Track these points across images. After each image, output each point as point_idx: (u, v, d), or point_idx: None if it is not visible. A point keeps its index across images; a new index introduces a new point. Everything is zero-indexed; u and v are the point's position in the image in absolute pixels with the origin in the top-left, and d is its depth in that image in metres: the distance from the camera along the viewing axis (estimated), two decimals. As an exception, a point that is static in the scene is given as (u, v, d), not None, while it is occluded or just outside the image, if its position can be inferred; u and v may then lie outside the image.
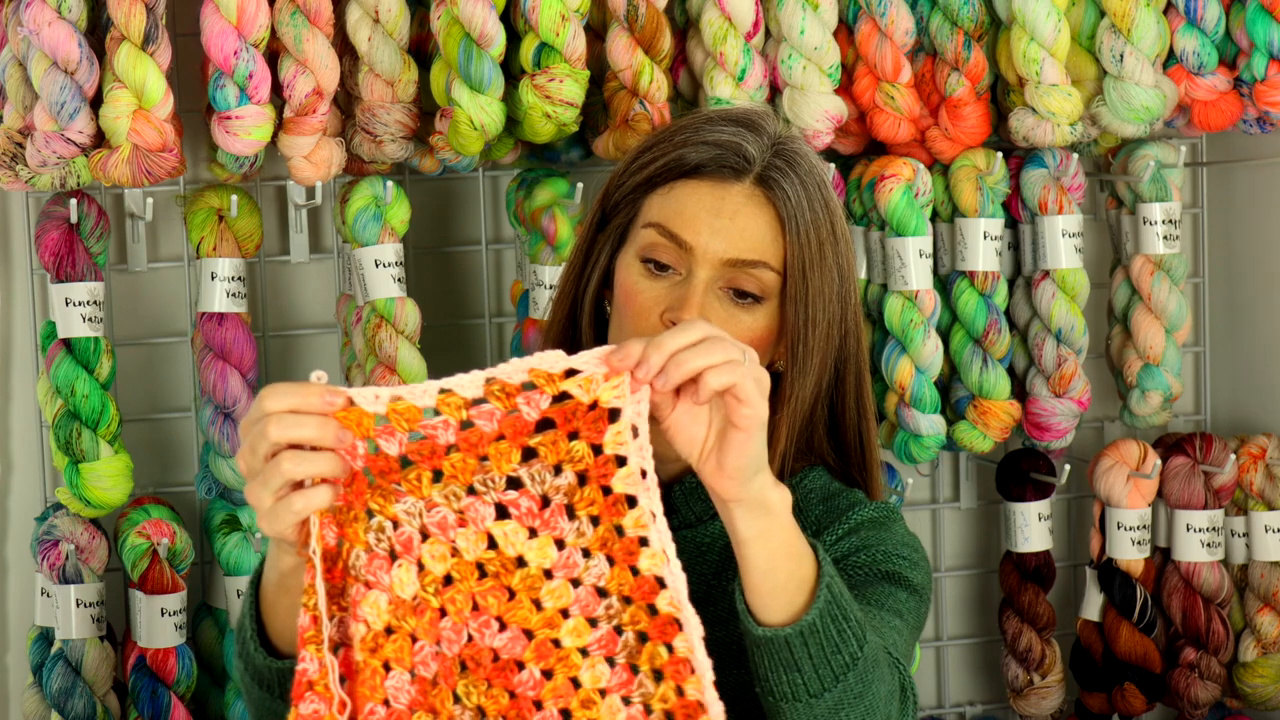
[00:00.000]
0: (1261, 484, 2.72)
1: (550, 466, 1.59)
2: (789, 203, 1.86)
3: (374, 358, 2.40)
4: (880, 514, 1.95)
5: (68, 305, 2.31)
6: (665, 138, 1.92)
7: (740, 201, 1.87)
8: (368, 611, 1.56)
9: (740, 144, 1.88)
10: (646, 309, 1.87)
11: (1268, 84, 2.49)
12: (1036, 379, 2.59)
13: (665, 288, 1.87)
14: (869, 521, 1.94)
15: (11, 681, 2.56)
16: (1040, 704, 2.72)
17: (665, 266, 1.87)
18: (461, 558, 1.58)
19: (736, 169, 1.88)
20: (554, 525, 1.59)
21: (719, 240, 1.86)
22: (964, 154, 2.54)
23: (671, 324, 1.84)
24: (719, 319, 1.85)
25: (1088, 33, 2.52)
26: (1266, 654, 2.71)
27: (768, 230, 1.87)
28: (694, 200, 1.88)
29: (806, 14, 2.42)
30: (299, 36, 2.28)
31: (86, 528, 2.36)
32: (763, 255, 1.87)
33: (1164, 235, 2.62)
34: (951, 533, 2.86)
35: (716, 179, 1.88)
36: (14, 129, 2.25)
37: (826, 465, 2.02)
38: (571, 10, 2.29)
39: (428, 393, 1.56)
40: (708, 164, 1.88)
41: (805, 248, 1.86)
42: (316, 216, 2.60)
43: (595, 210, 1.96)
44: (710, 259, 1.86)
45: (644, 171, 1.91)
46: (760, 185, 1.88)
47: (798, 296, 1.86)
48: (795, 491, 1.95)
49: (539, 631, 1.60)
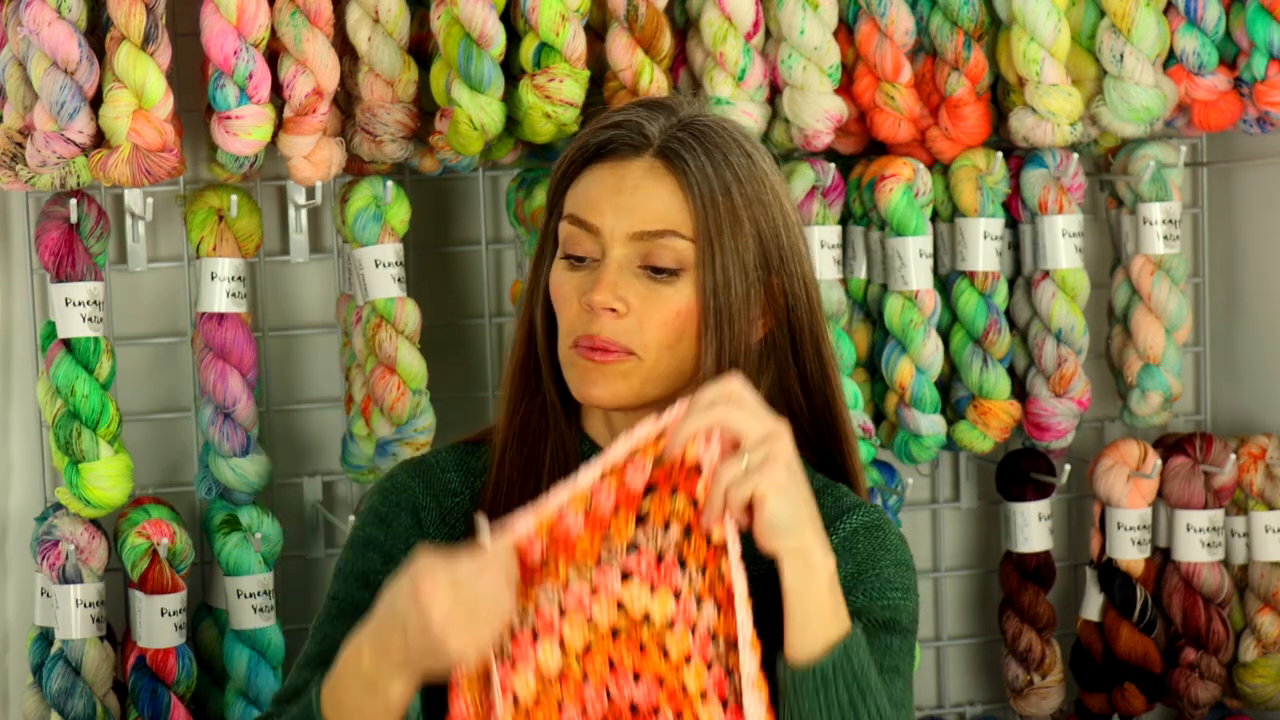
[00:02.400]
0: (1261, 484, 2.72)
1: (660, 524, 1.70)
2: (689, 169, 1.85)
3: (374, 358, 2.39)
4: (871, 520, 1.93)
5: (68, 305, 2.31)
6: (575, 136, 1.94)
7: (640, 175, 1.86)
8: (519, 686, 1.67)
9: (639, 122, 1.88)
10: (568, 299, 1.87)
11: (1268, 84, 2.49)
12: (1036, 379, 2.59)
13: (584, 275, 1.87)
14: (862, 530, 1.92)
15: (11, 681, 2.56)
16: (1040, 704, 2.72)
17: (583, 258, 1.88)
18: (597, 626, 1.69)
19: (635, 145, 1.87)
20: (670, 578, 1.70)
21: (622, 216, 1.85)
22: (964, 154, 2.54)
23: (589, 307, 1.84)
24: (640, 296, 1.85)
25: (1088, 33, 2.52)
26: (1266, 654, 2.71)
27: (672, 199, 1.86)
28: (597, 183, 1.88)
29: (806, 14, 2.42)
30: (299, 36, 2.28)
31: (86, 528, 2.36)
32: (669, 224, 1.85)
33: (1164, 235, 2.62)
34: (951, 533, 2.86)
35: (616, 158, 1.87)
36: (14, 129, 2.25)
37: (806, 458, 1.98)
38: (571, 10, 2.29)
39: (558, 499, 1.69)
40: (607, 144, 1.88)
41: (711, 211, 1.85)
42: (316, 216, 2.60)
43: (543, 231, 1.97)
44: (618, 236, 1.85)
45: (558, 172, 1.93)
46: (660, 157, 1.87)
47: (705, 261, 1.85)
48: None
49: (669, 678, 1.69)
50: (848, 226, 2.58)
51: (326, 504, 2.62)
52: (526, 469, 1.94)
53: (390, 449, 2.39)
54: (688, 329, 1.86)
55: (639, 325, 1.85)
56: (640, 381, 1.86)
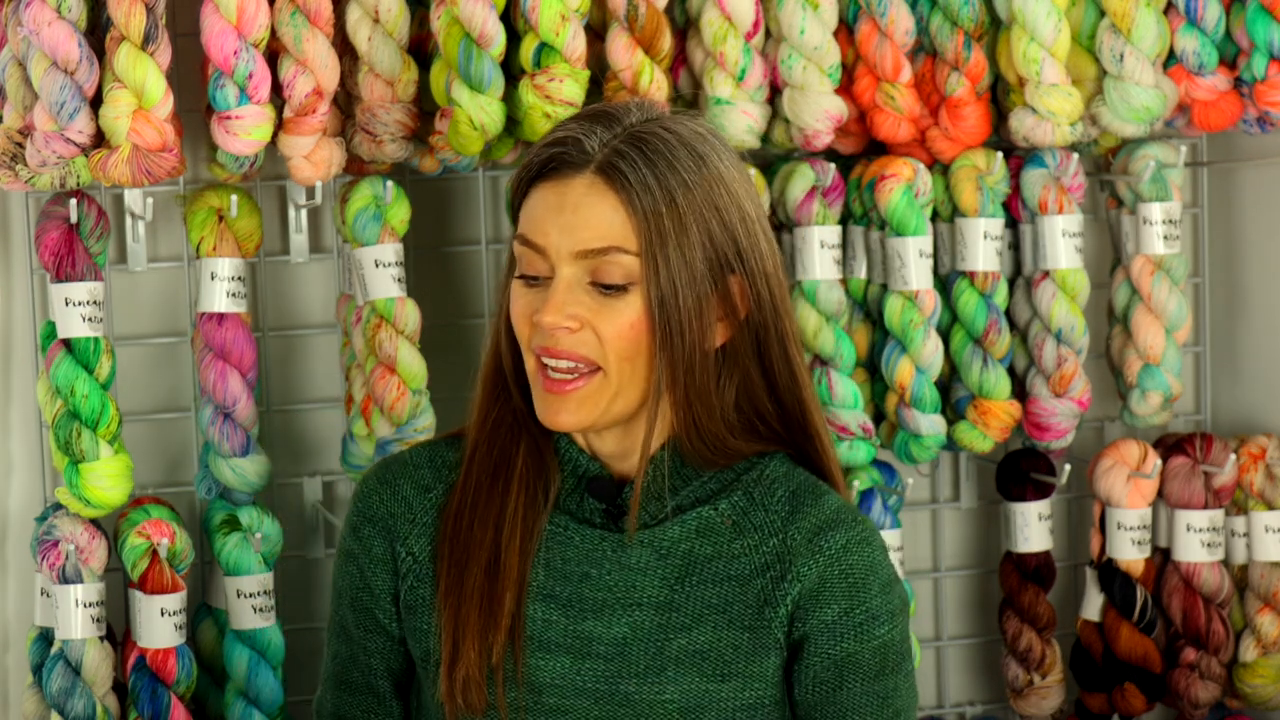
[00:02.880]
0: (1261, 484, 2.72)
1: None
2: (628, 183, 1.85)
3: (374, 358, 2.40)
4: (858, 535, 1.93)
5: (68, 305, 2.31)
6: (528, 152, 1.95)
7: (581, 193, 1.86)
8: None
9: (579, 138, 1.88)
10: (522, 317, 1.89)
11: (1268, 84, 2.49)
12: (1036, 379, 2.59)
13: (536, 293, 1.88)
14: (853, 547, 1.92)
15: (11, 681, 2.56)
16: (1040, 704, 2.72)
17: (536, 277, 1.89)
18: None
19: (575, 163, 1.87)
20: None
21: (566, 236, 1.86)
22: (964, 154, 2.54)
23: (539, 325, 1.86)
24: (591, 311, 1.85)
25: (1088, 33, 2.52)
26: (1266, 654, 2.71)
27: (614, 215, 1.86)
28: (541, 203, 1.88)
29: (806, 14, 2.42)
30: (299, 36, 2.28)
31: (86, 528, 2.36)
32: (612, 241, 1.85)
33: (1164, 235, 2.62)
34: (951, 533, 2.86)
35: (558, 177, 1.88)
36: (14, 129, 2.25)
37: (788, 453, 2.00)
38: (571, 10, 2.29)
39: None
40: (545, 164, 1.89)
41: (654, 222, 1.85)
42: (316, 216, 2.60)
43: (509, 242, 1.99)
44: (564, 255, 1.86)
45: (512, 189, 1.94)
46: (600, 173, 1.86)
47: (651, 274, 1.85)
48: (753, 477, 1.96)
49: None
50: (848, 226, 2.58)
51: (326, 504, 2.62)
52: (495, 470, 1.95)
53: (390, 449, 2.38)
54: (643, 341, 1.87)
55: (597, 338, 1.86)
56: (607, 399, 1.87)
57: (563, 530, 1.94)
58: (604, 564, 1.92)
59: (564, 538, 1.94)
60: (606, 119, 1.90)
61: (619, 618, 1.91)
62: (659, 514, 1.94)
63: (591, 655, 1.91)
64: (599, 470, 1.95)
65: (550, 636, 1.92)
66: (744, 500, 1.95)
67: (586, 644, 1.91)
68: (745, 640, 1.90)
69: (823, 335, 2.49)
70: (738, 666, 1.90)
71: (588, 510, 1.95)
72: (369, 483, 2.01)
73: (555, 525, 1.94)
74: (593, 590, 1.92)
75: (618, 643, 1.91)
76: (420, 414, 2.40)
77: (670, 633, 1.90)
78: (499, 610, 1.90)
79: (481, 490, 1.94)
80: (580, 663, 1.91)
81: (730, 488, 1.95)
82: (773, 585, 1.91)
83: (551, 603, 1.92)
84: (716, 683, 1.90)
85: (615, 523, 1.94)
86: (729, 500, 1.94)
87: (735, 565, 1.91)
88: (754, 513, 1.94)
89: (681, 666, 1.89)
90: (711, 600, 1.91)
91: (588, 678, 1.91)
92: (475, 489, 1.95)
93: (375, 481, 2.00)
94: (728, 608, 1.91)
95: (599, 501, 1.95)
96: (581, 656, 1.91)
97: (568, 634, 1.91)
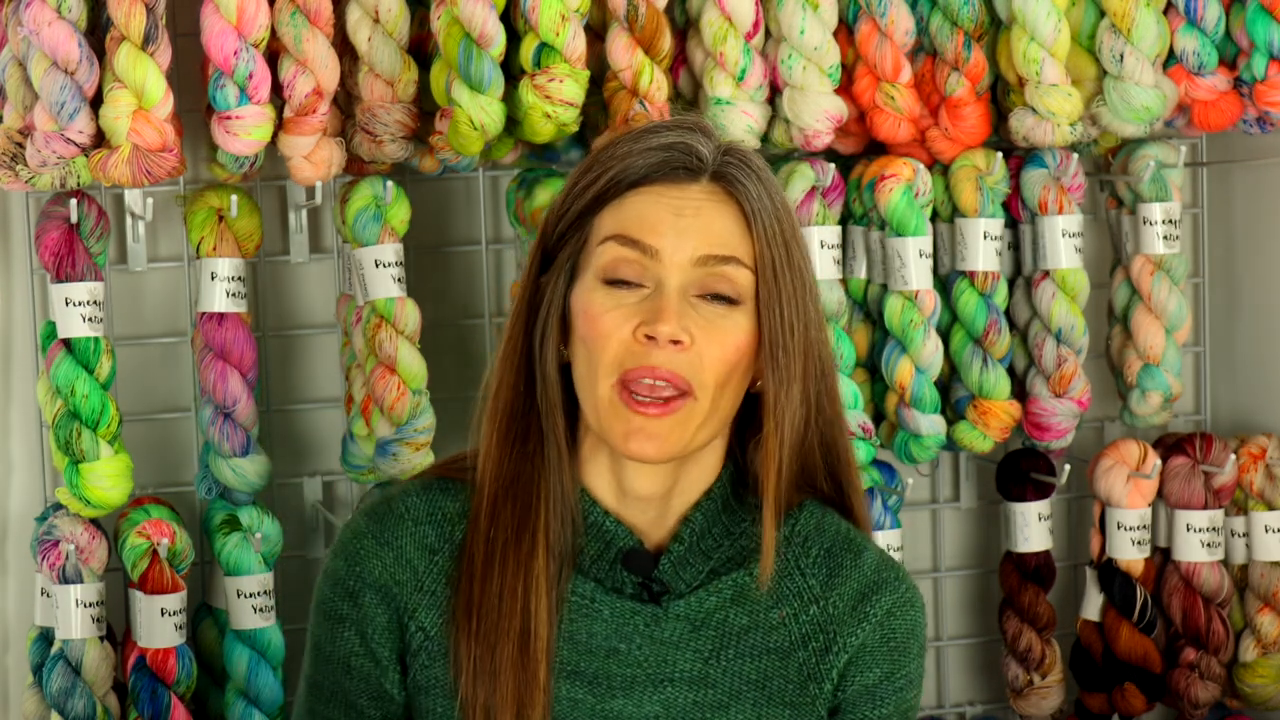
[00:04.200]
0: (1261, 484, 2.72)
1: None
2: (751, 198, 1.74)
3: (374, 358, 2.39)
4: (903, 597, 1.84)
5: (68, 305, 2.31)
6: (605, 156, 1.77)
7: (701, 199, 1.74)
8: None
9: (690, 144, 1.75)
10: (614, 328, 1.71)
11: (1268, 84, 2.49)
12: (1036, 379, 2.59)
13: (633, 304, 1.71)
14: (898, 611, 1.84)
15: (11, 681, 2.56)
16: (1040, 704, 2.72)
17: (629, 283, 1.72)
18: None
19: (691, 169, 1.75)
20: None
21: (686, 239, 1.72)
22: (964, 154, 2.54)
23: (647, 338, 1.69)
24: (699, 326, 1.70)
25: (1088, 33, 2.52)
26: (1266, 654, 2.71)
27: (734, 225, 1.73)
28: (652, 204, 1.73)
29: (806, 14, 2.42)
30: (299, 36, 2.28)
31: (86, 528, 2.36)
32: (734, 251, 1.72)
33: (1164, 235, 2.62)
34: (951, 533, 2.86)
35: (670, 181, 1.74)
36: (14, 129, 2.25)
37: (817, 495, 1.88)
38: (571, 10, 2.29)
39: None
40: (658, 168, 1.74)
41: (773, 245, 1.74)
42: (316, 216, 2.60)
43: (534, 251, 1.79)
44: (679, 261, 1.71)
45: (589, 192, 1.76)
46: (718, 182, 1.75)
47: (771, 297, 1.73)
48: (784, 535, 1.82)
49: None
50: (848, 226, 2.58)
51: (326, 504, 2.62)
52: (521, 525, 1.76)
53: (390, 449, 2.38)
54: (740, 365, 1.73)
55: (700, 359, 1.71)
56: (694, 429, 1.72)
57: (590, 602, 1.78)
58: (634, 638, 1.77)
59: (591, 610, 1.78)
60: (702, 128, 1.78)
61: (650, 696, 1.77)
62: (693, 582, 1.79)
63: None
64: (629, 540, 1.78)
65: (577, 718, 1.77)
66: (778, 562, 1.81)
67: None
68: (786, 717, 1.79)
69: (823, 335, 2.49)
70: None
71: (618, 580, 1.78)
72: (364, 543, 1.81)
73: (579, 595, 1.78)
74: (621, 667, 1.77)
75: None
76: (420, 414, 2.40)
77: (706, 711, 1.77)
78: (535, 688, 1.73)
79: (508, 550, 1.75)
80: None
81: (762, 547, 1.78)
82: (816, 659, 1.80)
83: (577, 680, 1.77)
84: None
85: (650, 595, 1.78)
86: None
87: (774, 637, 1.80)
88: (790, 578, 1.82)
89: None
90: (750, 675, 1.78)
91: None
92: (502, 551, 1.76)
93: (373, 542, 1.80)
94: (767, 683, 1.79)
95: (635, 575, 1.78)
96: None
97: (595, 714, 1.77)
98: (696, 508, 1.80)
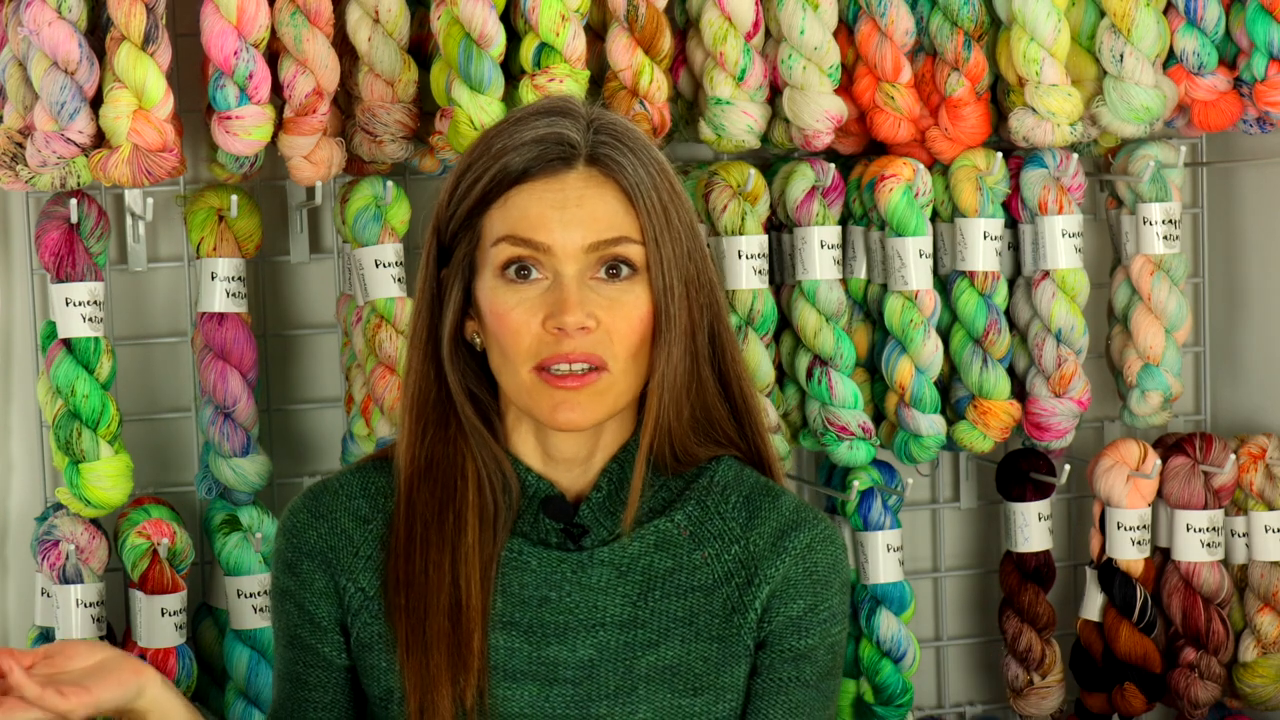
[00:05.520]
0: (1261, 484, 2.72)
1: None
2: (628, 175, 1.81)
3: (374, 358, 2.40)
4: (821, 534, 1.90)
5: (68, 305, 2.31)
6: (481, 153, 1.84)
7: (581, 186, 1.81)
8: None
9: (560, 133, 1.82)
10: (522, 323, 1.79)
11: (1268, 84, 2.49)
12: (1036, 379, 2.59)
13: (536, 296, 1.80)
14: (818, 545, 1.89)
15: (11, 681, 2.56)
16: (1040, 704, 2.72)
17: (527, 269, 1.79)
18: None
19: (565, 158, 1.81)
20: None
21: (574, 230, 1.79)
22: (964, 154, 2.54)
23: (557, 329, 1.77)
24: (602, 307, 1.78)
25: (1088, 33, 2.52)
26: (1266, 654, 2.71)
27: (618, 204, 1.81)
28: (536, 201, 1.80)
29: (806, 14, 2.42)
30: (299, 36, 2.28)
31: (86, 528, 2.36)
32: (621, 230, 1.80)
33: (1164, 235, 2.62)
34: (951, 533, 2.86)
35: (549, 174, 1.81)
36: (14, 129, 2.25)
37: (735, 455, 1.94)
38: (571, 10, 2.29)
39: None
40: (534, 162, 1.81)
41: (653, 215, 1.81)
42: (316, 216, 2.60)
43: (430, 247, 1.86)
44: (571, 251, 1.78)
45: (473, 193, 1.82)
46: (594, 165, 1.81)
47: (655, 264, 1.81)
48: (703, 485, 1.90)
49: None
50: (848, 226, 2.58)
51: (326, 504, 2.61)
52: (442, 507, 1.85)
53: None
54: (646, 334, 1.82)
55: (609, 336, 1.80)
56: (614, 396, 1.81)
57: (518, 555, 1.86)
58: (564, 586, 1.86)
59: (520, 562, 1.86)
60: (565, 112, 1.84)
61: (583, 640, 1.85)
62: (615, 530, 1.88)
63: (558, 680, 1.85)
64: (550, 489, 1.88)
65: (515, 665, 1.85)
66: (698, 510, 1.89)
67: (552, 669, 1.85)
68: (715, 651, 1.86)
69: (823, 335, 2.49)
70: (709, 679, 1.86)
71: (543, 531, 1.87)
72: (299, 516, 1.90)
73: (510, 550, 1.86)
74: (554, 614, 1.85)
75: (584, 665, 1.84)
76: (420, 414, 2.39)
77: (637, 650, 1.85)
78: (468, 653, 1.83)
79: (430, 530, 1.85)
80: (548, 689, 1.85)
81: (682, 497, 1.89)
82: (739, 592, 1.87)
83: (513, 630, 1.85)
84: (689, 697, 1.86)
85: (574, 542, 1.87)
86: (683, 511, 1.89)
87: (698, 576, 1.87)
88: (710, 521, 1.89)
89: (652, 684, 1.85)
90: (677, 614, 1.86)
91: (556, 704, 1.85)
92: (422, 531, 1.85)
93: (308, 515, 1.89)
94: (694, 620, 1.86)
95: (555, 522, 1.87)
96: (548, 683, 1.85)
97: (532, 661, 1.85)
98: (614, 459, 1.88)
